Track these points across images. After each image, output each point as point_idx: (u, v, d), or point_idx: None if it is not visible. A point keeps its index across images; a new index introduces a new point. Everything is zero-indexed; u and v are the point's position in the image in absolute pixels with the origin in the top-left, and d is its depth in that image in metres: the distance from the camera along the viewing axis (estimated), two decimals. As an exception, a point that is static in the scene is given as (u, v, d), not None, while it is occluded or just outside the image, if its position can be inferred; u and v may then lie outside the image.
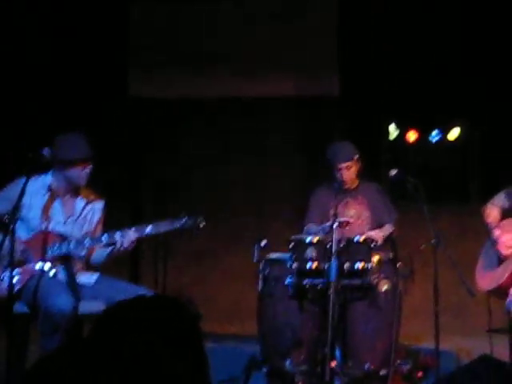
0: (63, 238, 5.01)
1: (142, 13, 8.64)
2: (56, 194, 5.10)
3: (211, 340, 5.68)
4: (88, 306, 4.85)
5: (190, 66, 8.52)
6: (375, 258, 5.39)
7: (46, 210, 5.05)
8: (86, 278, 5.09)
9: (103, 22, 8.25)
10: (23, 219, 4.97)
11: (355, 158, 6.02)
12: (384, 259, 5.50)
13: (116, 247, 4.98)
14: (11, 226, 4.59)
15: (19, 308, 4.82)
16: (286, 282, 5.39)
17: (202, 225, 5.05)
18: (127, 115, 8.61)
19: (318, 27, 8.39)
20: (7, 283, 4.55)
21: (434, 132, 8.34)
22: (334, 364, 5.11)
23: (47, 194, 5.09)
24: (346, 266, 5.29)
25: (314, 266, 5.35)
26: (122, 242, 4.94)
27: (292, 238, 5.47)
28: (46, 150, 4.86)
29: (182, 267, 8.13)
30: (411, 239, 6.23)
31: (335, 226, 5.28)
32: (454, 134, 8.37)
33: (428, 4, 7.92)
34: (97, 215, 5.25)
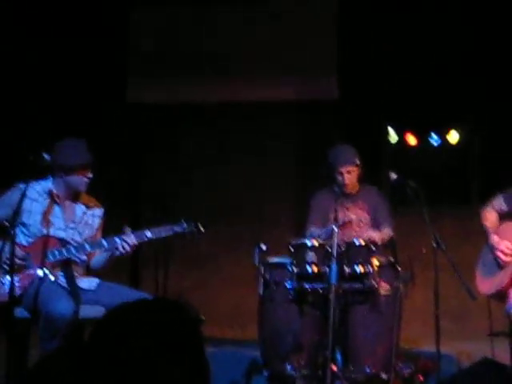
0: (64, 242, 5.01)
1: (142, 17, 8.65)
2: (56, 200, 5.10)
3: (211, 344, 5.67)
4: (88, 311, 4.86)
5: (190, 71, 8.53)
6: (376, 262, 5.39)
7: (46, 216, 5.05)
8: (87, 282, 5.09)
9: (104, 24, 8.27)
10: (23, 224, 4.98)
11: (357, 161, 6.01)
12: (384, 263, 5.49)
13: (116, 252, 5.00)
14: (12, 231, 4.60)
15: (20, 313, 4.82)
16: (287, 285, 5.40)
17: (202, 230, 5.09)
18: (127, 117, 8.61)
19: (317, 30, 8.39)
20: (8, 288, 4.56)
21: (434, 135, 8.33)
22: (334, 368, 5.11)
23: (47, 200, 5.09)
24: (346, 269, 5.29)
25: (315, 269, 5.35)
26: (123, 247, 4.96)
27: (292, 242, 5.47)
28: (46, 154, 4.86)
29: (183, 272, 8.12)
30: (411, 243, 6.21)
31: (336, 229, 5.28)
32: (454, 137, 8.37)
33: (428, 6, 7.92)
34: (97, 221, 5.25)
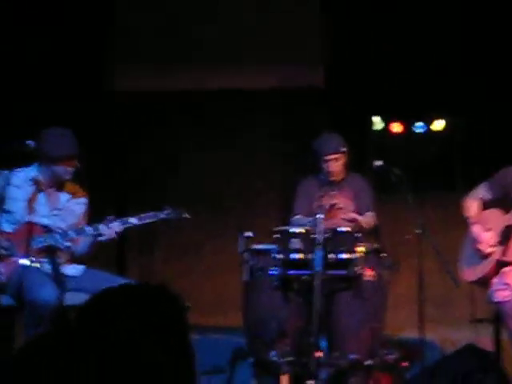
0: (48, 229, 5.00)
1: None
2: (41, 187, 5.09)
3: (196, 331, 5.67)
4: (73, 298, 4.85)
5: (177, 58, 8.51)
6: (360, 249, 5.40)
7: (30, 203, 5.04)
8: (72, 269, 5.09)
9: (89, 9, 8.19)
10: (7, 212, 4.96)
11: (343, 150, 6.01)
12: (369, 250, 5.50)
13: (100, 238, 5.00)
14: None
15: (5, 301, 4.82)
16: (271, 272, 5.40)
17: (186, 216, 5.10)
18: (112, 105, 8.58)
19: (303, 19, 8.39)
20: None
21: (419, 123, 8.35)
22: (319, 354, 5.12)
23: (32, 187, 5.08)
24: (330, 256, 5.30)
25: (299, 256, 5.35)
26: (107, 233, 4.96)
27: (277, 229, 5.47)
28: (30, 141, 4.84)
29: (167, 259, 8.12)
30: (396, 230, 6.24)
31: (320, 216, 5.29)
32: (438, 124, 8.39)
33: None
34: (81, 208, 5.25)
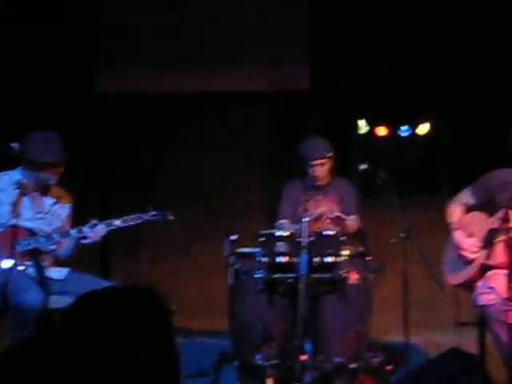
0: (32, 233, 4.99)
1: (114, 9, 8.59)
2: (25, 191, 5.08)
3: (181, 335, 5.69)
4: (58, 301, 4.84)
5: (164, 59, 8.49)
6: (345, 252, 5.40)
7: (15, 206, 5.02)
8: (57, 272, 5.08)
9: (76, 12, 8.17)
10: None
11: (329, 154, 6.01)
12: (354, 253, 5.51)
13: (84, 241, 5.00)
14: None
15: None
16: (256, 276, 5.40)
17: (171, 217, 5.10)
18: (101, 106, 8.56)
19: (290, 20, 8.39)
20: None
21: (404, 127, 8.37)
22: (304, 357, 5.12)
23: (16, 190, 5.06)
24: (316, 259, 5.30)
25: (285, 260, 5.35)
26: (91, 236, 4.95)
27: (262, 233, 5.47)
28: (16, 144, 4.83)
29: (153, 261, 8.11)
30: (381, 233, 6.25)
31: (305, 219, 5.29)
32: (423, 128, 8.41)
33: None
34: (65, 212, 5.24)
